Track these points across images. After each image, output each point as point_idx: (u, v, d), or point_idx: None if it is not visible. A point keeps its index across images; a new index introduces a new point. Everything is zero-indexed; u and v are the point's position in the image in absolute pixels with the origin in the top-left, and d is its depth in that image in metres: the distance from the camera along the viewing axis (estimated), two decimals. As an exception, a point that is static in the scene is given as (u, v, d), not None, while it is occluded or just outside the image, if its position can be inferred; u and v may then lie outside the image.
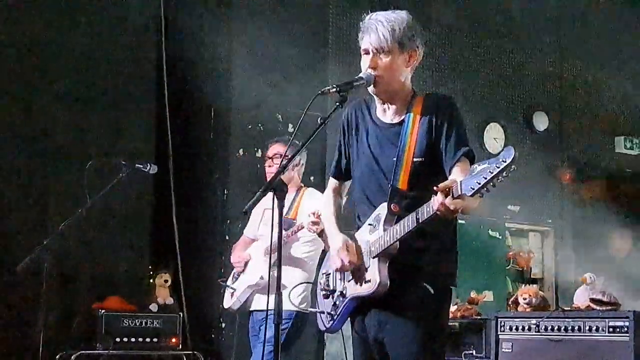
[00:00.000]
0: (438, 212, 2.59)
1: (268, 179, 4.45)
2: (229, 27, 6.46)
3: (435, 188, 2.57)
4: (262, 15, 6.47)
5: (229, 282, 4.70)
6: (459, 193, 2.50)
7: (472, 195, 2.46)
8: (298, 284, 4.18)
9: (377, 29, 2.91)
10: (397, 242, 2.83)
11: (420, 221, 2.70)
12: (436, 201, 2.58)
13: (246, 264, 4.63)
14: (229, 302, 4.63)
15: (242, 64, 6.42)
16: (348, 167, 3.15)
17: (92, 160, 4.74)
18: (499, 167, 2.39)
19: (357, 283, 2.95)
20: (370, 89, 2.97)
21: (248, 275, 4.54)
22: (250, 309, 4.53)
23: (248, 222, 4.82)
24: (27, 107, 5.97)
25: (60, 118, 6.05)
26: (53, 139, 6.01)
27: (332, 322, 3.06)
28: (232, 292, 4.59)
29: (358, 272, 2.95)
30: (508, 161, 2.38)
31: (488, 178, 2.40)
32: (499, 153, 2.47)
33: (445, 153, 2.87)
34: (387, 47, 2.90)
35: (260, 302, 4.43)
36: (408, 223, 2.76)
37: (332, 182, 3.24)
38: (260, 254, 4.54)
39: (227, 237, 5.98)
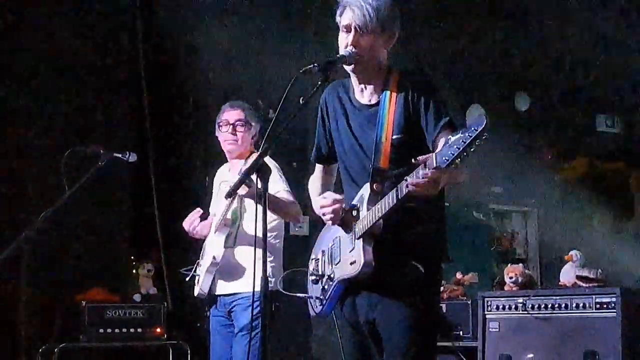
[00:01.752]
0: (416, 187, 2.55)
1: (226, 148, 4.27)
2: (207, 12, 6.38)
3: (413, 160, 2.55)
4: (241, 3, 6.40)
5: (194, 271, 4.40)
6: (434, 165, 2.48)
7: (447, 167, 2.45)
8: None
9: (362, 6, 2.85)
10: (381, 221, 2.79)
11: (399, 197, 2.66)
12: (413, 176, 2.56)
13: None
14: (195, 290, 4.35)
15: (221, 48, 6.35)
16: (329, 151, 3.12)
17: (70, 149, 4.64)
18: (470, 136, 2.39)
19: (348, 232, 2.91)
20: (349, 67, 2.92)
21: (206, 257, 4.27)
22: (216, 294, 4.25)
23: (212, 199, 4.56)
24: (3, 95, 5.87)
25: (38, 106, 5.96)
26: (30, 127, 5.92)
27: (321, 306, 3.03)
28: (197, 279, 4.31)
29: (347, 217, 2.91)
30: (479, 129, 2.38)
31: (461, 148, 2.40)
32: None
33: (426, 127, 2.83)
34: (370, 27, 2.85)
35: (225, 287, 4.19)
36: (389, 200, 2.72)
37: (318, 166, 3.22)
38: (211, 232, 4.24)
39: (209, 225, 5.90)
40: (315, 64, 2.87)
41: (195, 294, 4.37)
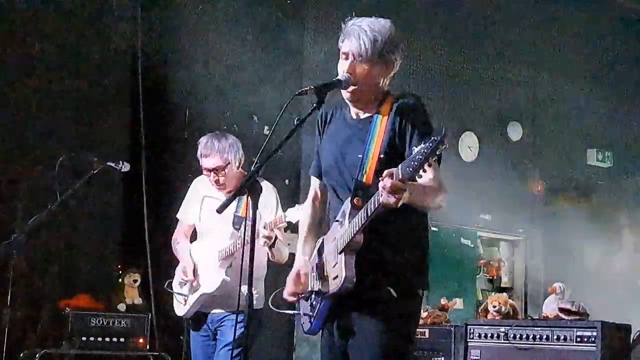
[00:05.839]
0: (382, 199, 2.61)
1: (217, 189, 4.28)
2: (205, 27, 6.43)
3: (380, 178, 2.62)
4: (239, 16, 6.45)
5: (177, 288, 4.35)
6: (400, 177, 2.56)
7: (410, 177, 2.53)
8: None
9: (359, 36, 2.90)
10: (361, 236, 2.81)
11: (371, 211, 2.70)
12: (380, 188, 2.62)
13: (194, 270, 4.30)
14: (181, 309, 4.33)
15: (218, 64, 6.40)
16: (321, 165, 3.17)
17: (63, 156, 4.66)
18: (431, 146, 2.51)
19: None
20: (345, 93, 2.96)
21: (203, 282, 4.24)
22: (205, 311, 4.24)
23: (182, 204, 4.49)
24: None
25: (33, 113, 5.97)
26: (24, 134, 5.93)
27: (310, 324, 3.04)
28: (185, 299, 4.29)
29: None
30: (438, 139, 2.51)
31: (423, 158, 2.52)
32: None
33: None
34: (366, 56, 2.90)
35: (219, 306, 4.19)
36: (363, 214, 2.77)
37: (313, 183, 3.24)
38: (211, 257, 4.22)
39: (198, 238, 5.92)
40: (312, 86, 2.93)
41: (181, 314, 4.34)
